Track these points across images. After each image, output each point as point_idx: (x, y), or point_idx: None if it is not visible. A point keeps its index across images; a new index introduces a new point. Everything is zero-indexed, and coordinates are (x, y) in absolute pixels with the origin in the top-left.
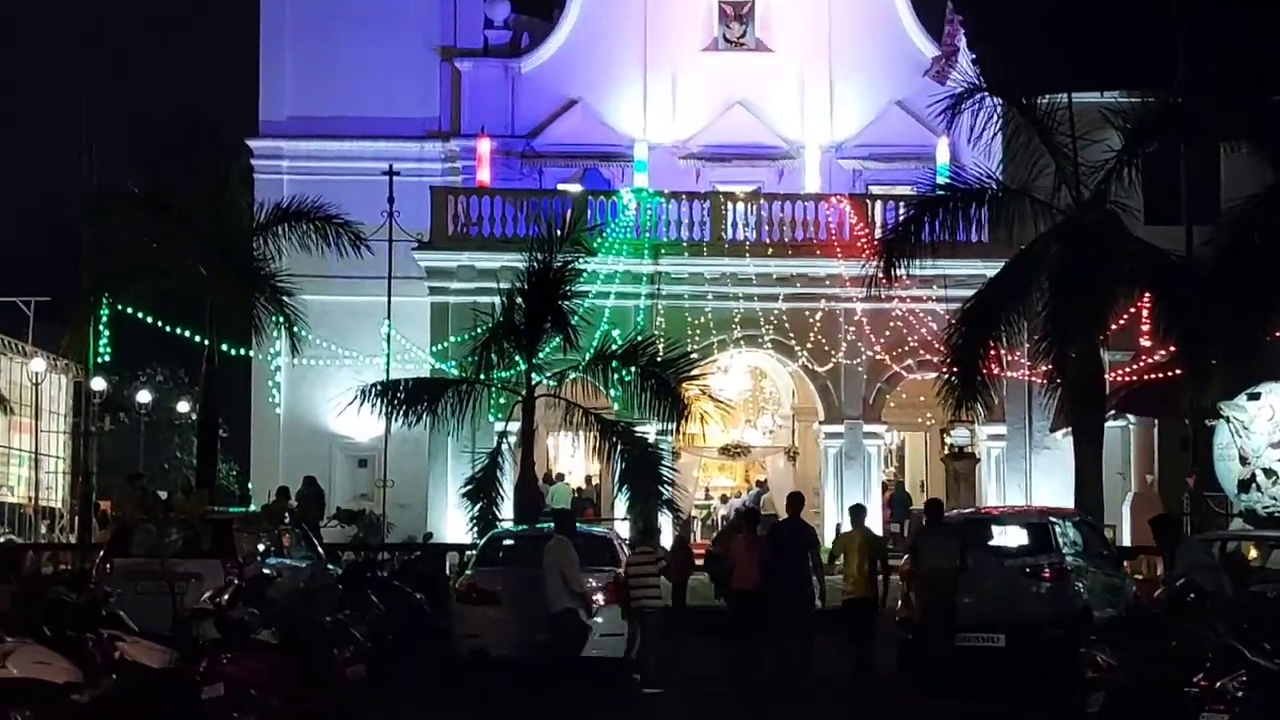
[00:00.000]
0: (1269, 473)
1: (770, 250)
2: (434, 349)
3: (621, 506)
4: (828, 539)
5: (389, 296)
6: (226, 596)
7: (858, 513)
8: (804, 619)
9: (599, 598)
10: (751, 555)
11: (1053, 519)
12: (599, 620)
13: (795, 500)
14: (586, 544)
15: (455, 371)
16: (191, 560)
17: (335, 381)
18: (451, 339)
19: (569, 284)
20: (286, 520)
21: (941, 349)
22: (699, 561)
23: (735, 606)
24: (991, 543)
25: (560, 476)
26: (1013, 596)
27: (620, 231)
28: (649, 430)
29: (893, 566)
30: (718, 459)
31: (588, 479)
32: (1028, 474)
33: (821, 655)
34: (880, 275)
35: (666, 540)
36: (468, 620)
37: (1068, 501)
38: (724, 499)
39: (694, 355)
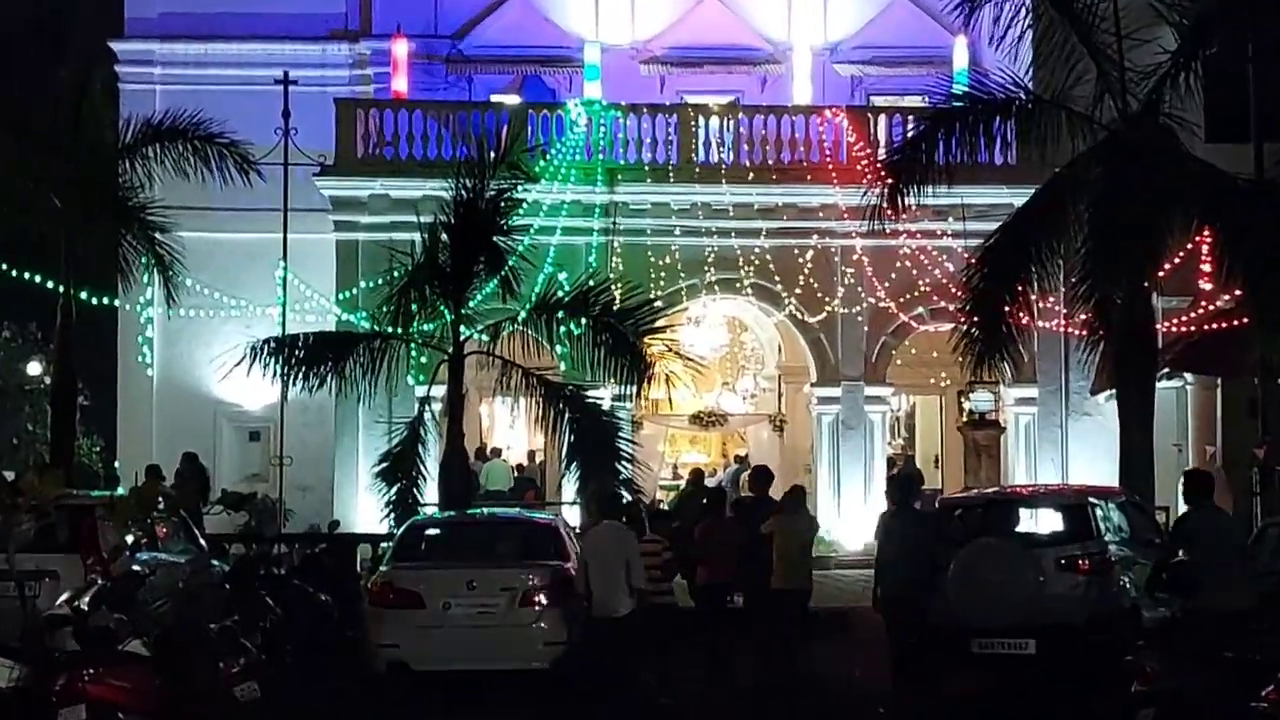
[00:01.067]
0: None
1: (751, 175)
2: (340, 297)
3: (571, 488)
4: (821, 523)
5: (285, 233)
6: (88, 599)
7: (796, 494)
8: (794, 613)
9: (541, 598)
10: (717, 542)
11: (1093, 499)
12: (543, 626)
13: (762, 476)
14: (528, 533)
15: (366, 324)
16: (45, 555)
17: (220, 336)
18: (362, 284)
19: (505, 217)
20: (161, 506)
21: (959, 294)
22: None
23: (704, 603)
24: (1019, 528)
25: (496, 452)
26: (1045, 594)
27: (568, 153)
28: (604, 395)
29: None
30: (688, 429)
31: (530, 454)
32: (1063, 445)
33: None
34: (884, 205)
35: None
36: (384, 627)
37: (1111, 478)
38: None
39: (658, 303)
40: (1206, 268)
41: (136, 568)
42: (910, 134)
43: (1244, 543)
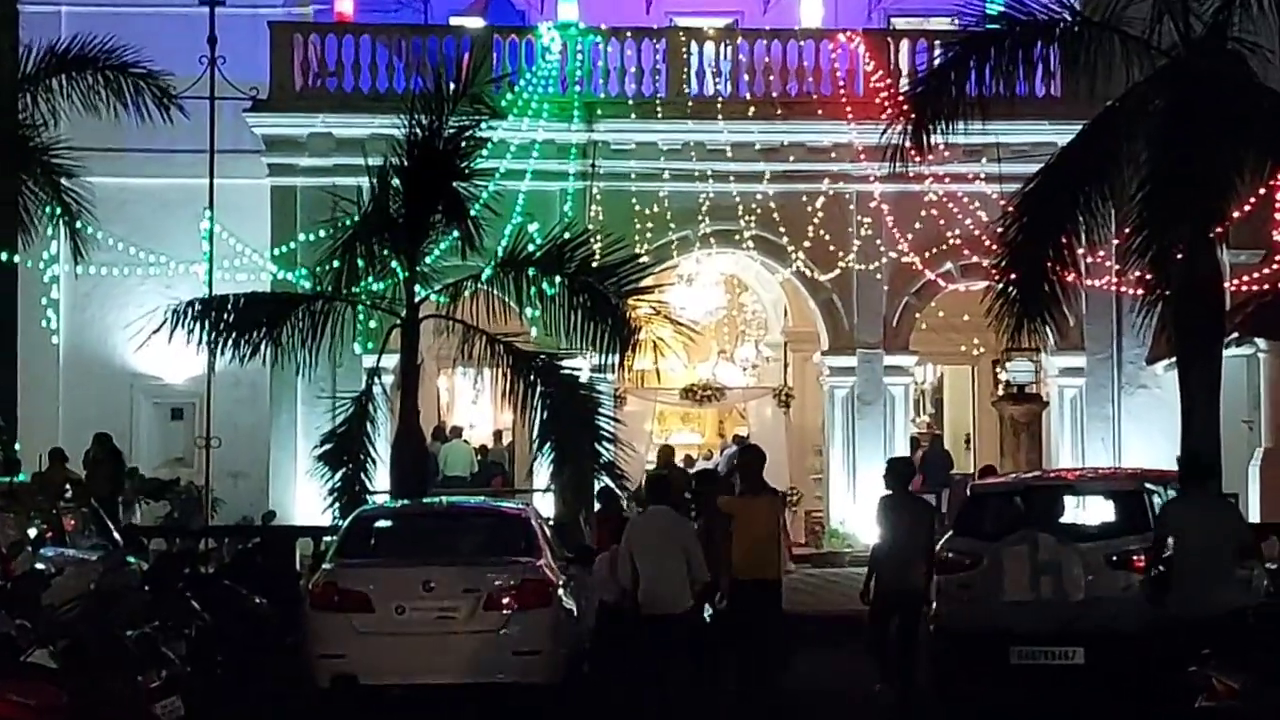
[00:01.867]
0: None
1: (752, 110)
2: (276, 251)
3: (544, 473)
4: (834, 514)
5: (211, 178)
6: None
7: (756, 465)
8: (773, 609)
9: (509, 601)
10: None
11: (1150, 485)
12: (512, 633)
13: (752, 456)
14: (494, 525)
15: (306, 283)
16: None
17: (137, 298)
18: (301, 237)
19: (467, 158)
20: (68, 494)
21: (994, 247)
22: None
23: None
24: (1063, 519)
25: (457, 431)
26: (1093, 595)
27: (539, 84)
28: (582, 365)
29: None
30: (679, 405)
31: (496, 435)
32: (1115, 422)
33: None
34: (908, 144)
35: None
36: (327, 634)
37: (1171, 461)
38: (689, 461)
39: (644, 259)
40: None
41: (40, 566)
42: (937, 61)
43: (1238, 538)
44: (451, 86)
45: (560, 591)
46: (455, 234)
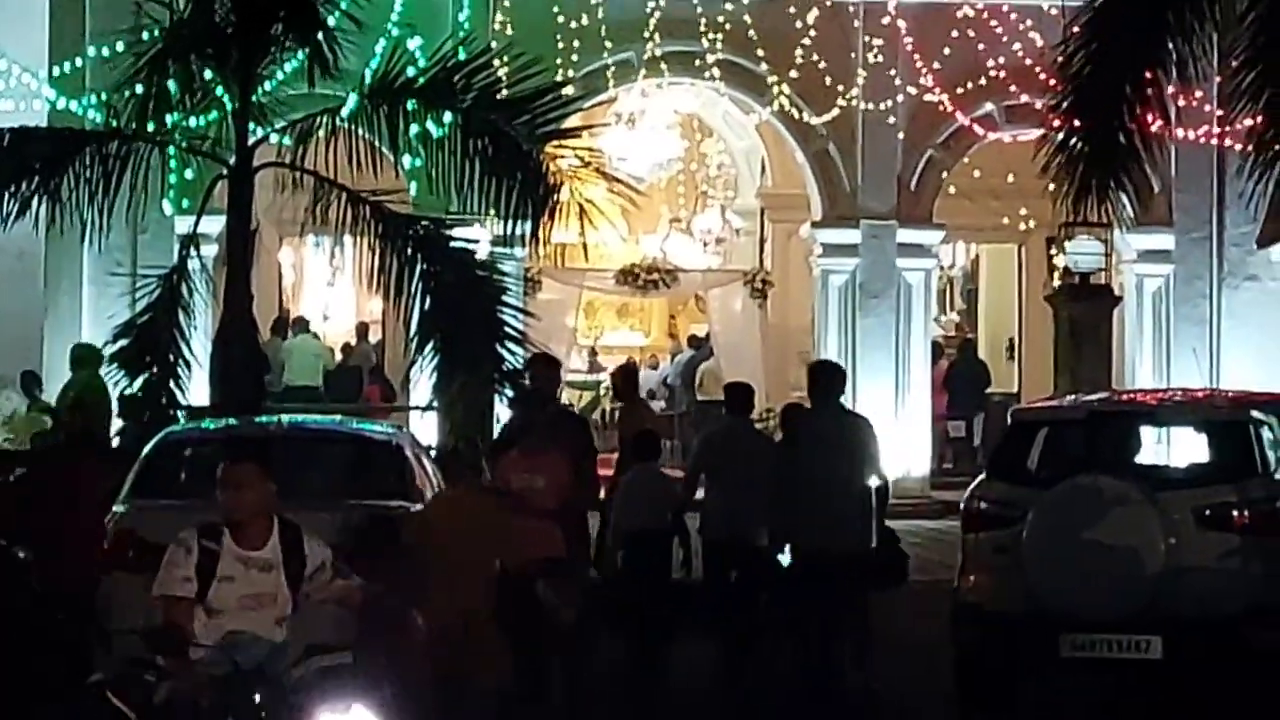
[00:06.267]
0: None
1: None
2: (55, 71)
3: (425, 386)
4: None
5: None
6: None
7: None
8: None
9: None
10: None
11: (1258, 415)
12: None
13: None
14: (355, 456)
15: (97, 117)
16: None
17: None
18: (90, 52)
19: None
20: None
21: (1053, 82)
22: None
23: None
24: (1138, 459)
25: (304, 324)
26: (1176, 565)
27: None
28: (479, 237)
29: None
30: (615, 293)
31: (360, 329)
32: (1212, 326)
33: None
34: None
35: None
36: (123, 604)
37: None
38: (626, 371)
39: (569, 90)
40: None
41: None
42: None
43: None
44: None
45: None
46: (303, 52)
